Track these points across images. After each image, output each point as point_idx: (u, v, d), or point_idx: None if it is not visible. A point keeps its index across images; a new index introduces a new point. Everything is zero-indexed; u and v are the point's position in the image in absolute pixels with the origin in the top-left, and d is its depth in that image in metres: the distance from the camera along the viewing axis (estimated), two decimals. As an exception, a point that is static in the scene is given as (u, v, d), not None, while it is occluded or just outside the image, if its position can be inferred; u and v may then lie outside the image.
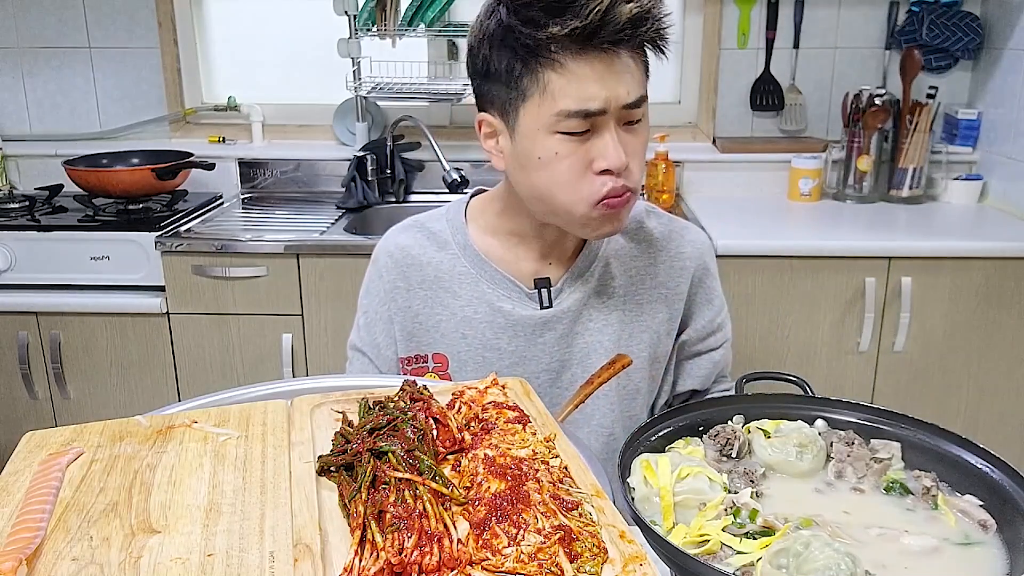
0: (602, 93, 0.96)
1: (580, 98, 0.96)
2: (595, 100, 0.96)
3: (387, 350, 1.18)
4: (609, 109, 0.97)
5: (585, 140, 0.99)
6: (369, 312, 1.20)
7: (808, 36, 2.65)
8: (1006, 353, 2.19)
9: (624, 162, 0.98)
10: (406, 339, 1.17)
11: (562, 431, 0.83)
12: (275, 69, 2.80)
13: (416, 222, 1.21)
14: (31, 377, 2.36)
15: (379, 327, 1.19)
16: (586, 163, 0.99)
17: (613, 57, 0.96)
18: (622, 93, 0.97)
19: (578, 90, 0.96)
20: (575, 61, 0.95)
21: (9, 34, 2.73)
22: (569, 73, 0.95)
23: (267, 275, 2.23)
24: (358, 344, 1.22)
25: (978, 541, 0.68)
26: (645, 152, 1.05)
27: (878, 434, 0.80)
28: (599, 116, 0.97)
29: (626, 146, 0.99)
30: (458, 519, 0.68)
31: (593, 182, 0.99)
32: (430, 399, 0.85)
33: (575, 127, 0.97)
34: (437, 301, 1.15)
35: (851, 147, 2.50)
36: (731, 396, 0.85)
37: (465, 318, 1.13)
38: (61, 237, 2.30)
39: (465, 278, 1.13)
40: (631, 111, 0.99)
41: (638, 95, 0.99)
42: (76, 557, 0.65)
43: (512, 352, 1.11)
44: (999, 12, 2.50)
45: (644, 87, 1.01)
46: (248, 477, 0.75)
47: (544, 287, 1.11)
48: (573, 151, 0.99)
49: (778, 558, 0.63)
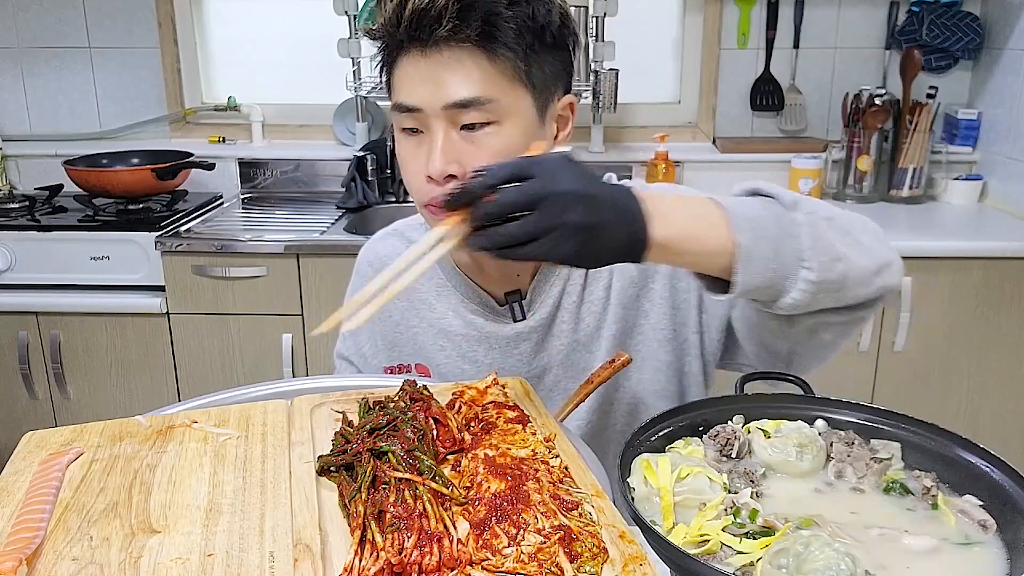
0: (420, 90, 0.92)
1: (402, 93, 0.94)
2: (412, 96, 0.92)
3: (373, 359, 1.17)
4: (426, 108, 0.92)
5: (420, 141, 0.94)
6: None
7: (808, 36, 2.65)
8: (1006, 353, 2.19)
9: (439, 170, 0.91)
10: (388, 348, 1.16)
11: (562, 431, 0.83)
12: (275, 69, 2.80)
13: (396, 229, 1.20)
14: (31, 377, 2.36)
15: (364, 336, 1.18)
16: (421, 165, 0.94)
17: (432, 57, 0.91)
18: (445, 92, 0.90)
19: (403, 85, 0.94)
20: (407, 57, 0.93)
21: (9, 34, 2.73)
22: (402, 68, 0.94)
23: (267, 275, 2.23)
24: (345, 353, 1.22)
25: (978, 541, 0.68)
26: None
27: (878, 434, 0.80)
28: (419, 114, 0.92)
29: (461, 153, 0.92)
30: (458, 519, 0.68)
31: (423, 186, 0.95)
32: (430, 399, 0.85)
33: (404, 123, 0.95)
34: (414, 312, 1.13)
35: (851, 147, 2.50)
36: (731, 396, 0.85)
37: (442, 330, 1.11)
38: (61, 237, 2.30)
39: (442, 290, 1.12)
40: (461, 113, 0.91)
41: (468, 95, 0.90)
42: (76, 557, 0.65)
43: (489, 364, 1.09)
44: (999, 12, 2.50)
45: (490, 88, 0.91)
46: (248, 477, 0.75)
47: (516, 300, 1.08)
48: (412, 151, 0.95)
49: (778, 558, 0.63)
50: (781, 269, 0.76)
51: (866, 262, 0.81)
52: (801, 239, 0.76)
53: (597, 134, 2.67)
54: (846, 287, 0.80)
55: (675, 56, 2.76)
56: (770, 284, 0.76)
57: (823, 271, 0.76)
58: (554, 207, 0.69)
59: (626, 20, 2.55)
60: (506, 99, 0.92)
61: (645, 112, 2.78)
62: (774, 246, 0.75)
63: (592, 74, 2.51)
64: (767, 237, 0.75)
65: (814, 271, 0.76)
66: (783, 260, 0.76)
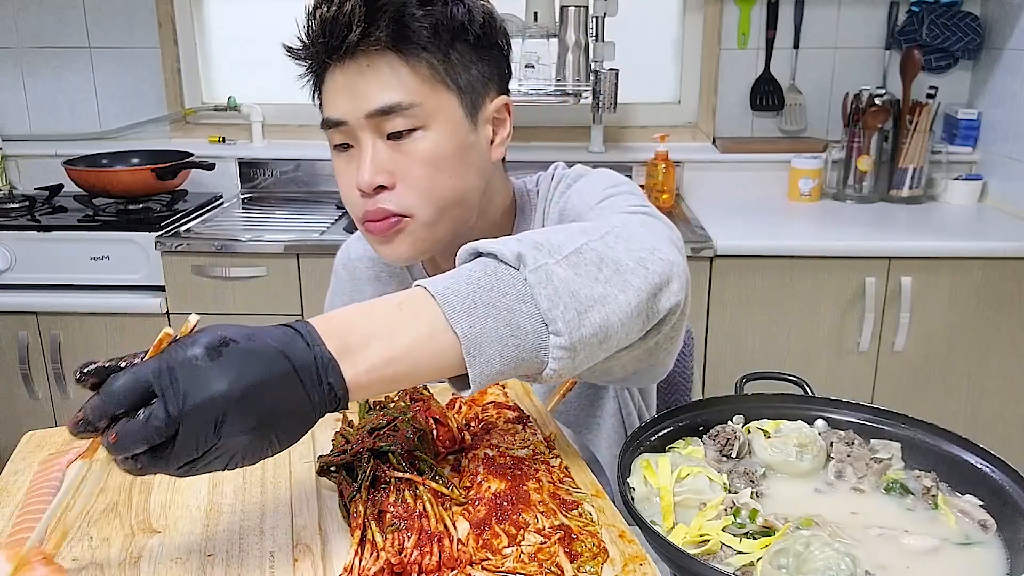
0: (341, 102, 0.91)
1: (327, 108, 0.94)
2: (336, 109, 0.92)
3: None
4: (350, 120, 0.91)
5: (351, 156, 0.94)
6: None
7: (808, 36, 2.65)
8: (1006, 353, 2.19)
9: (367, 181, 0.90)
10: None
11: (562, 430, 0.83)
12: (275, 69, 2.79)
13: None
14: (31, 377, 2.36)
15: None
16: (352, 179, 0.93)
17: (350, 67, 0.90)
18: (366, 101, 0.90)
19: (328, 101, 0.94)
20: (329, 73, 0.93)
21: (9, 34, 2.73)
22: (325, 86, 0.94)
23: (267, 275, 2.23)
24: None
25: (978, 541, 0.68)
26: (430, 172, 0.92)
27: (878, 434, 0.80)
28: (345, 127, 0.92)
29: (390, 163, 0.91)
30: (458, 519, 0.68)
31: (357, 201, 0.94)
32: (430, 399, 0.85)
33: (333, 139, 0.95)
34: None
35: (851, 147, 2.50)
36: (731, 396, 0.85)
37: None
38: (61, 237, 2.30)
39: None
40: (385, 121, 0.90)
41: (389, 101, 0.89)
42: (76, 557, 0.65)
43: None
44: (999, 12, 2.50)
45: (410, 93, 0.90)
46: (248, 477, 0.75)
47: None
48: (344, 167, 0.95)
49: (778, 558, 0.63)
50: (524, 343, 0.63)
51: (630, 295, 0.68)
52: (538, 300, 0.63)
53: (597, 134, 2.67)
54: (611, 335, 0.67)
55: (675, 56, 2.76)
56: (517, 363, 0.64)
57: (574, 330, 0.64)
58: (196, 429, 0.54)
59: (626, 20, 2.55)
60: (429, 103, 0.91)
61: (645, 112, 2.78)
62: (505, 319, 0.62)
63: (592, 74, 2.51)
64: (493, 314, 0.62)
65: (562, 334, 0.63)
66: (522, 332, 0.63)
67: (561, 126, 2.74)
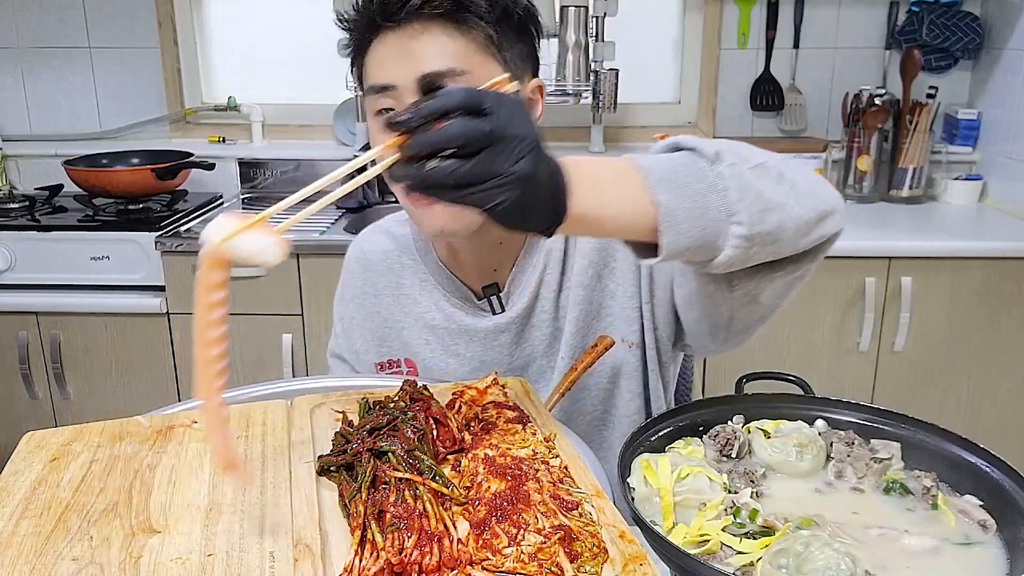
0: (393, 67, 0.92)
1: (375, 74, 0.94)
2: (385, 74, 0.93)
3: (366, 355, 1.18)
4: (400, 84, 0.91)
5: None
6: (345, 318, 1.21)
7: (808, 36, 2.65)
8: (1006, 353, 2.19)
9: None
10: (377, 344, 1.17)
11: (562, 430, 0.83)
12: (275, 69, 2.80)
13: (381, 226, 1.21)
14: (31, 377, 2.36)
15: (356, 332, 1.19)
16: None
17: (404, 31, 0.91)
18: (419, 64, 0.90)
19: (374, 66, 0.94)
20: (377, 41, 0.94)
21: (9, 34, 2.73)
22: (372, 53, 0.95)
23: (267, 275, 2.23)
24: (337, 351, 1.22)
25: (978, 541, 0.68)
26: None
27: (878, 434, 0.80)
28: (394, 91, 0.92)
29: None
30: (458, 519, 0.68)
31: None
32: (430, 399, 0.85)
33: (378, 105, 0.94)
34: (400, 307, 1.14)
35: (851, 147, 2.50)
36: (731, 396, 0.85)
37: (426, 324, 1.12)
38: (61, 237, 2.30)
39: (425, 284, 1.13)
40: (435, 86, 0.91)
41: (443, 66, 0.90)
42: (76, 557, 0.65)
43: (471, 357, 1.10)
44: (999, 12, 2.50)
45: (464, 60, 0.91)
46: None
47: (493, 294, 1.08)
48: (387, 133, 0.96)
49: (778, 558, 0.63)
50: (710, 226, 0.70)
51: (803, 210, 0.74)
52: (728, 192, 0.70)
53: (597, 134, 2.67)
54: (782, 238, 0.74)
55: (675, 56, 2.76)
56: (700, 243, 0.71)
57: (755, 224, 0.71)
58: (503, 153, 0.61)
59: (626, 20, 2.55)
60: (479, 72, 0.92)
61: (645, 112, 2.78)
62: (699, 202, 0.70)
63: (592, 74, 2.51)
64: (689, 194, 0.69)
65: (743, 224, 0.70)
66: (710, 216, 0.70)
67: (561, 126, 2.74)
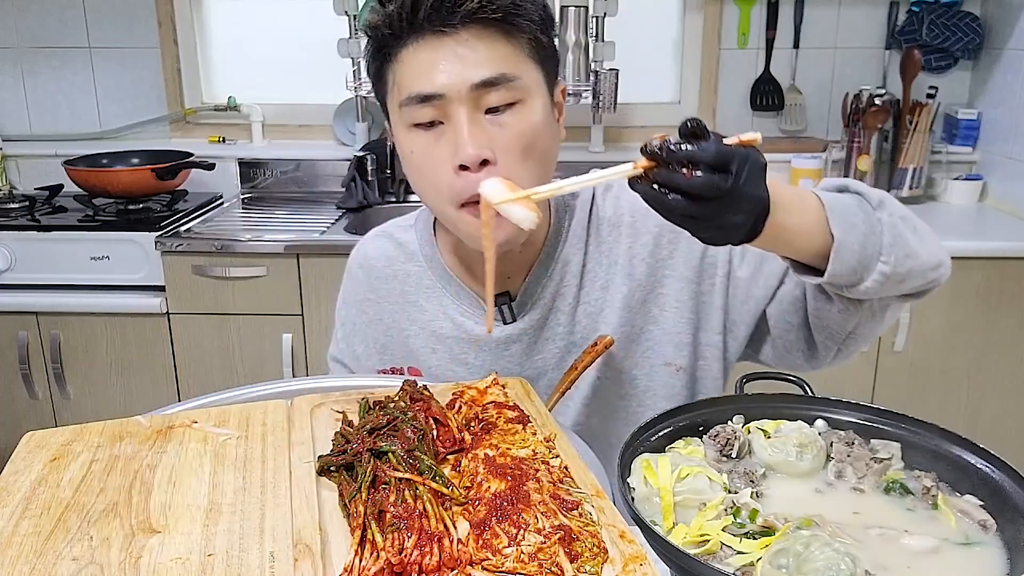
0: (438, 75, 0.88)
1: (417, 82, 0.89)
2: (430, 83, 0.88)
3: (368, 361, 1.16)
4: (449, 93, 0.88)
5: (439, 134, 0.90)
6: (347, 323, 1.18)
7: (808, 36, 2.65)
8: (1006, 353, 2.19)
9: (474, 154, 0.87)
10: (379, 351, 1.14)
11: (562, 430, 0.83)
12: (275, 69, 2.80)
13: (385, 231, 1.18)
14: (31, 377, 2.36)
15: (357, 338, 1.17)
16: (445, 159, 0.90)
17: (451, 38, 0.88)
18: (471, 72, 0.88)
19: (416, 74, 0.90)
20: (415, 47, 0.90)
21: (9, 34, 2.73)
22: (409, 59, 0.91)
23: (267, 275, 2.23)
24: (338, 356, 1.20)
25: (978, 541, 0.68)
26: (526, 146, 0.91)
27: (878, 434, 0.80)
28: (440, 101, 0.89)
29: (491, 139, 0.89)
30: (458, 519, 0.68)
31: (454, 182, 0.90)
32: (430, 399, 0.85)
33: (419, 116, 0.90)
34: (405, 315, 1.12)
35: (851, 147, 2.50)
36: (731, 396, 0.85)
37: (433, 332, 1.09)
38: (61, 237, 2.30)
39: (431, 292, 1.10)
40: (485, 94, 0.88)
41: (495, 73, 0.88)
42: (76, 557, 0.65)
43: (480, 367, 1.07)
44: (999, 12, 2.50)
45: (514, 65, 0.90)
46: (248, 477, 0.75)
47: (504, 303, 1.05)
48: (427, 146, 0.91)
49: (778, 558, 0.63)
50: (864, 261, 0.82)
51: (928, 259, 0.88)
52: (883, 236, 0.83)
53: (597, 134, 2.67)
54: (909, 280, 0.87)
55: (675, 56, 2.76)
56: (852, 273, 0.83)
57: (896, 265, 0.83)
58: (732, 207, 0.70)
59: (626, 20, 2.55)
60: (527, 78, 0.91)
61: (645, 112, 2.77)
62: (862, 240, 0.82)
63: (592, 74, 2.51)
64: (858, 233, 0.81)
65: (889, 264, 0.83)
66: (866, 253, 0.82)
67: (561, 126, 2.74)
